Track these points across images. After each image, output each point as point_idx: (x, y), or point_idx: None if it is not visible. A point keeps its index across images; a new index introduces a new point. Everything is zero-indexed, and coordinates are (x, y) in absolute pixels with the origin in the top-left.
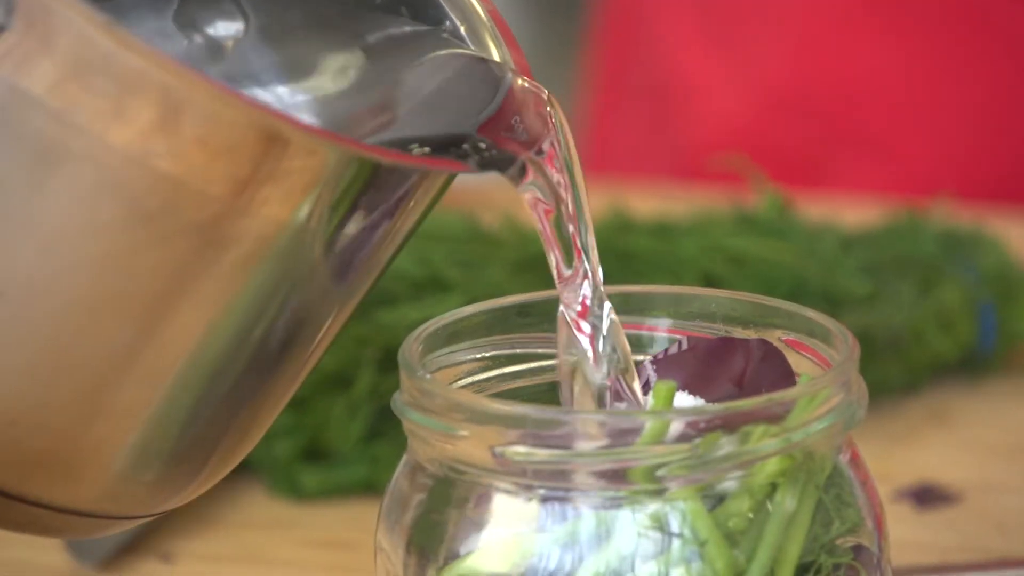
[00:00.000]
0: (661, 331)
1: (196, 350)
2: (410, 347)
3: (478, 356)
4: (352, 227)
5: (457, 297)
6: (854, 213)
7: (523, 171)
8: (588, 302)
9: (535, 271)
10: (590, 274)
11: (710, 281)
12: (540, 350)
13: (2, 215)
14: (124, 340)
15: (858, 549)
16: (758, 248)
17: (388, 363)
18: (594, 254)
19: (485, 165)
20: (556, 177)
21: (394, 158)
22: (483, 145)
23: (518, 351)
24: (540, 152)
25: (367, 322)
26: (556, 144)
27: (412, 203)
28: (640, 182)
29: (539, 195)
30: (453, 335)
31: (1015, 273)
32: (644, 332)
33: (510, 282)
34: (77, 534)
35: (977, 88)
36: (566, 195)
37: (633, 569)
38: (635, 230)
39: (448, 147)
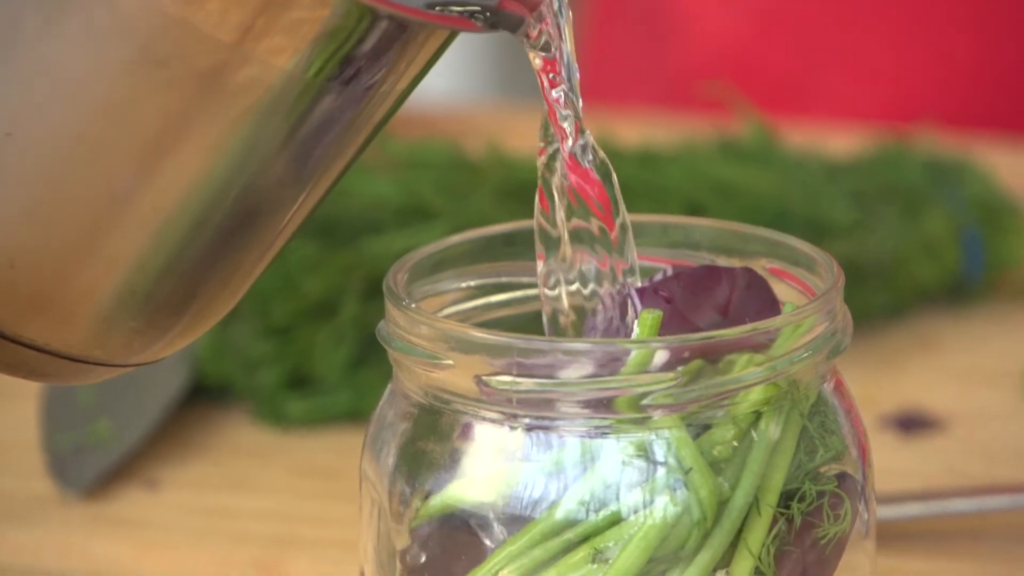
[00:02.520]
0: (646, 260)
1: (187, 196)
2: (395, 276)
3: (463, 285)
4: (354, 82)
5: (442, 226)
6: (839, 140)
7: (528, 34)
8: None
9: (521, 200)
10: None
11: (695, 210)
12: (525, 279)
13: (15, 56)
14: (122, 182)
15: (842, 477)
16: (743, 177)
17: (373, 291)
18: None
19: (493, 25)
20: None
21: (408, 13)
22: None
23: (503, 280)
24: (539, 16)
25: (352, 250)
26: (551, 9)
27: (413, 64)
28: (626, 110)
29: (546, 56)
30: (438, 264)
31: (1001, 201)
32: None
33: (495, 211)
34: (62, 379)
35: (964, 14)
36: (560, 57)
37: (618, 497)
38: (620, 158)
39: (455, 6)
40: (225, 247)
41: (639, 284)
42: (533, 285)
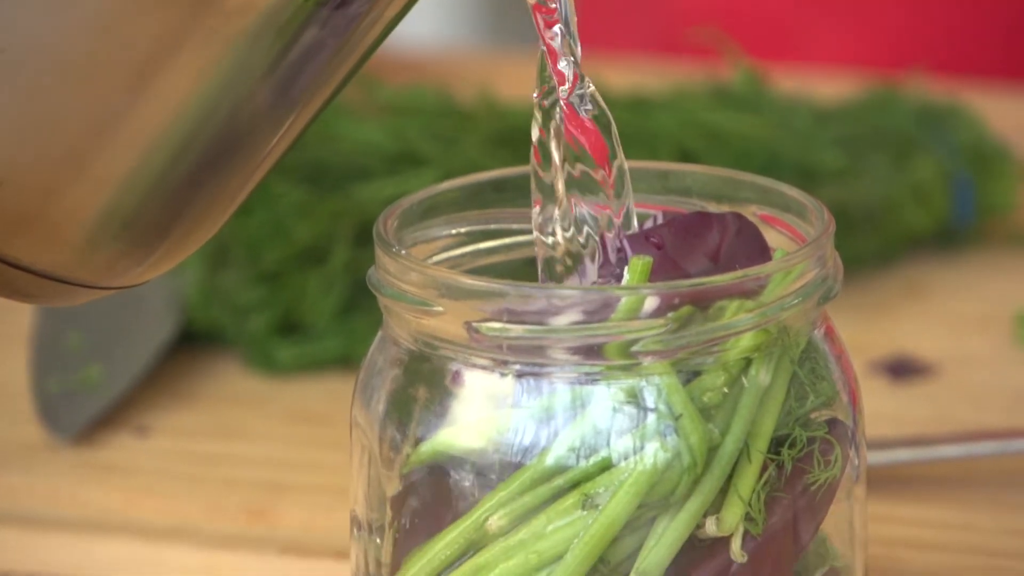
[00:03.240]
0: (636, 206)
1: (175, 118)
2: (385, 222)
3: (453, 231)
4: (344, 7)
5: (432, 172)
6: (829, 86)
7: None
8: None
9: (511, 146)
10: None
11: (686, 156)
12: (515, 225)
13: None
14: (112, 102)
15: (833, 423)
16: (733, 123)
17: (363, 237)
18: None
19: None
20: None
21: None
22: None
23: (493, 227)
24: None
25: (341, 197)
26: None
27: None
28: (616, 56)
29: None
30: (428, 210)
31: (991, 147)
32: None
33: (485, 157)
34: (47, 299)
35: None
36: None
37: (608, 444)
38: (611, 104)
39: None
40: (210, 171)
41: (633, 230)
42: (523, 232)
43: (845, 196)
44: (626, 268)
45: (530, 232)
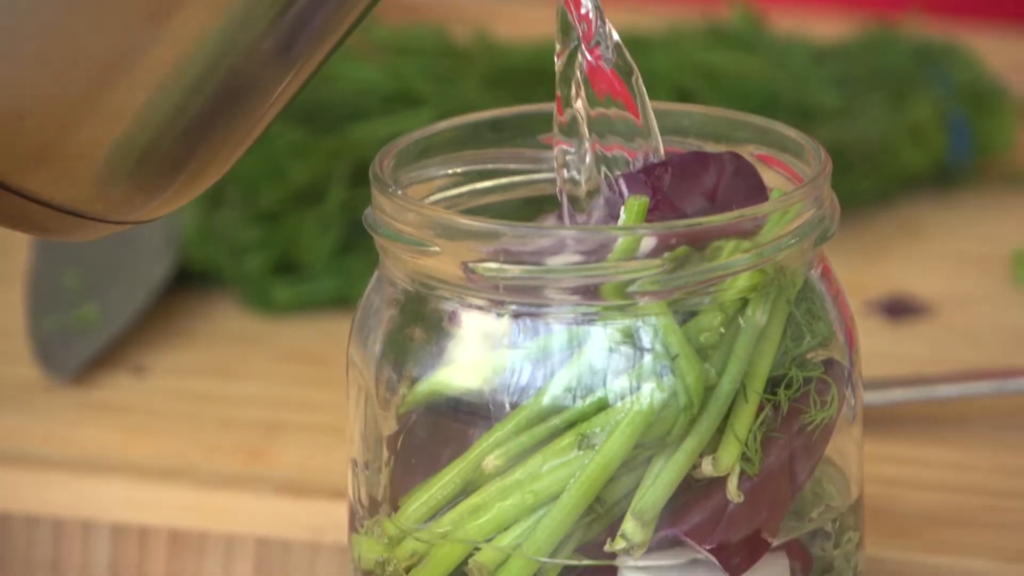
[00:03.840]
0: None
1: (190, 54)
2: (381, 162)
3: (450, 171)
4: None
5: (429, 112)
6: (826, 26)
7: None
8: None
9: (507, 86)
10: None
11: (682, 96)
12: (512, 165)
13: None
14: (130, 37)
15: (829, 363)
16: (730, 62)
17: (360, 177)
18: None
19: None
20: None
21: None
22: None
23: (490, 167)
24: None
25: (338, 136)
26: None
27: None
28: None
29: None
30: (425, 150)
31: (988, 86)
32: (616, 147)
33: (482, 97)
34: (63, 233)
35: None
36: None
37: (604, 384)
38: None
39: None
40: (223, 109)
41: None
42: (520, 172)
43: (842, 136)
44: (623, 208)
45: (527, 172)
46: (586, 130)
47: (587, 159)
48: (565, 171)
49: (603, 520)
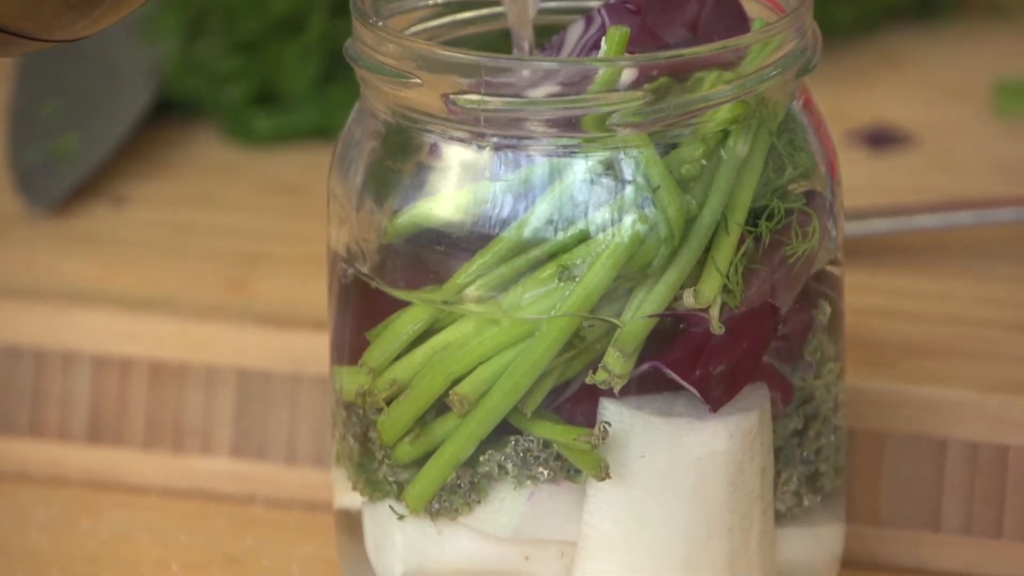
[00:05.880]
0: None
1: None
2: None
3: (431, 2)
4: None
5: None
6: None
7: None
8: None
9: None
10: None
11: None
12: None
13: None
14: None
15: (811, 194)
16: None
17: (340, 7)
18: None
19: None
20: None
21: None
22: None
23: None
24: None
25: None
26: None
27: None
28: None
29: None
30: None
31: None
32: None
33: None
34: None
35: None
36: None
37: (585, 215)
38: None
39: None
40: None
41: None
42: (500, 3)
43: None
44: (603, 39)
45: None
46: None
47: None
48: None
49: (583, 356)
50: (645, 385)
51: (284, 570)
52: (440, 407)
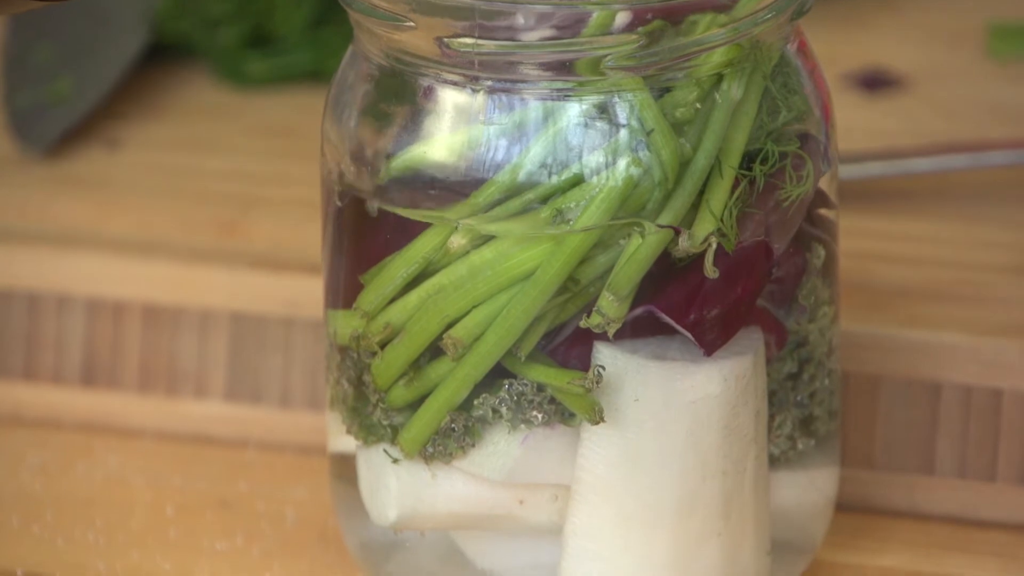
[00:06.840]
0: None
1: None
2: None
3: None
4: None
5: None
6: None
7: None
8: None
9: None
10: None
11: None
12: None
13: None
14: None
15: (805, 137)
16: None
17: None
18: None
19: None
20: None
21: None
22: None
23: None
24: None
25: None
26: None
27: None
28: None
29: None
30: None
31: None
32: None
33: None
34: None
35: None
36: None
37: (580, 159)
38: None
39: None
40: None
41: None
42: None
43: None
44: None
45: None
46: None
47: None
48: None
49: (577, 300)
50: (639, 329)
51: (278, 513)
52: (434, 350)
